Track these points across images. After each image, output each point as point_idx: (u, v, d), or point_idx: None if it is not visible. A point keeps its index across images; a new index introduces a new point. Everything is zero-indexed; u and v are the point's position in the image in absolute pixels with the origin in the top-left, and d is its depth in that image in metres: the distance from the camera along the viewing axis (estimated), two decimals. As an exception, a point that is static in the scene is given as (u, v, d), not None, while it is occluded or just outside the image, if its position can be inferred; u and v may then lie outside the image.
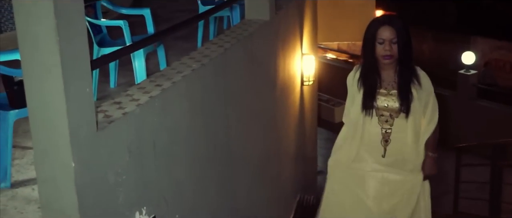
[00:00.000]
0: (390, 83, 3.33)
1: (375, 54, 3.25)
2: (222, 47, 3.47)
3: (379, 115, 3.34)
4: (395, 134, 3.34)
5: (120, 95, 2.66)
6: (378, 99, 3.33)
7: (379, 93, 3.33)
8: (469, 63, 10.45)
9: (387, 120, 3.34)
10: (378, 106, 3.33)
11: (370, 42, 3.24)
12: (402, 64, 3.28)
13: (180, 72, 3.00)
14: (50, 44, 2.02)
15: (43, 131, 2.13)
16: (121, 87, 4.37)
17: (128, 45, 3.10)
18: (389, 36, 3.19)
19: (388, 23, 3.21)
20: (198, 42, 5.25)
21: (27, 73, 2.10)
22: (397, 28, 3.20)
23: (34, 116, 2.14)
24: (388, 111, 3.32)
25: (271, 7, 4.29)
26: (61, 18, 2.00)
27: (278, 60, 4.66)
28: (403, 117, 3.31)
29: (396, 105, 3.30)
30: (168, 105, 2.79)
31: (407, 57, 3.26)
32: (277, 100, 4.75)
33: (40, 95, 2.10)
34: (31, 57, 2.07)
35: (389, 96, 3.32)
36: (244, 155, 3.93)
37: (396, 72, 3.32)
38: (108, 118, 2.40)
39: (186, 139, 2.99)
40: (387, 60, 3.24)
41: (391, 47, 3.20)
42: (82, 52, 2.15)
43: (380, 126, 3.35)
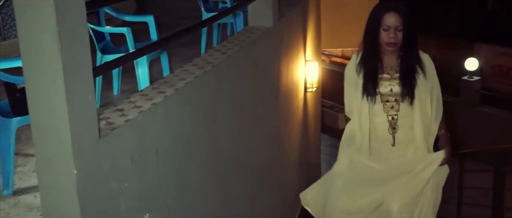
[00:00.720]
0: (393, 68, 3.25)
1: (378, 41, 3.17)
2: (225, 54, 3.47)
3: (383, 101, 3.24)
4: (402, 120, 3.24)
5: (122, 102, 2.66)
6: (381, 85, 3.23)
7: (382, 78, 3.24)
8: (472, 70, 10.44)
9: (392, 106, 3.23)
10: (382, 92, 3.23)
11: (375, 28, 3.16)
12: (406, 50, 3.21)
13: (183, 79, 3.00)
14: (52, 52, 2.01)
15: (45, 138, 2.13)
16: (125, 94, 4.37)
17: (130, 52, 3.10)
18: (394, 23, 3.11)
19: (394, 10, 3.13)
20: (201, 49, 5.25)
21: (29, 80, 2.10)
22: (403, 15, 3.12)
23: (36, 123, 2.14)
24: (394, 96, 3.23)
25: (274, 13, 4.29)
26: (63, 26, 2.00)
27: (281, 66, 4.66)
28: (408, 102, 3.23)
29: (401, 89, 3.23)
30: (171, 113, 2.78)
31: (411, 45, 3.19)
32: (280, 107, 4.75)
33: (42, 103, 2.09)
34: (33, 65, 2.07)
35: (393, 81, 3.24)
36: (247, 162, 3.92)
37: (398, 58, 3.24)
38: (111, 125, 2.39)
39: (189, 145, 2.98)
40: (391, 48, 3.16)
41: (396, 35, 3.12)
42: (84, 60, 2.15)
43: (386, 113, 3.24)
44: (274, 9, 4.28)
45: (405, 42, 3.15)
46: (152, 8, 7.00)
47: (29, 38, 2.05)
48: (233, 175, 3.65)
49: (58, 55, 2.01)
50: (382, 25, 3.12)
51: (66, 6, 2.01)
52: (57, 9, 1.97)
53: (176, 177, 2.85)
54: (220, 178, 3.43)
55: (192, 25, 3.49)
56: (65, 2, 2.00)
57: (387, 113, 3.24)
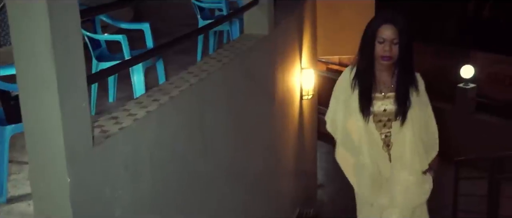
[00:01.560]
0: (386, 86, 3.14)
1: (373, 54, 3.04)
2: (221, 62, 3.48)
3: (376, 120, 3.15)
4: (396, 136, 3.16)
5: (117, 110, 2.66)
6: (375, 104, 3.13)
7: (375, 97, 3.13)
8: (468, 77, 10.47)
9: (385, 124, 3.16)
10: (375, 112, 3.13)
11: (370, 40, 3.03)
12: (402, 67, 3.09)
13: (177, 87, 3.00)
14: (46, 60, 2.02)
15: (38, 146, 2.13)
16: (120, 101, 4.36)
17: (126, 60, 3.10)
18: (390, 36, 2.98)
19: (390, 22, 3.00)
20: (197, 56, 5.25)
21: (22, 88, 2.10)
22: (400, 28, 2.98)
23: (29, 131, 2.14)
24: (387, 116, 3.15)
25: (270, 21, 4.30)
26: (57, 34, 2.01)
27: (277, 74, 4.66)
28: (400, 121, 3.14)
29: (394, 107, 3.13)
30: (165, 120, 2.79)
31: (407, 60, 3.07)
32: (276, 115, 4.75)
33: (35, 111, 2.09)
34: (27, 72, 2.07)
35: (386, 100, 3.14)
36: (242, 169, 3.92)
37: (393, 75, 3.13)
38: (105, 133, 2.39)
39: (183, 153, 2.98)
40: (385, 62, 3.03)
41: (391, 48, 2.99)
42: (78, 68, 2.15)
43: (379, 132, 3.17)
44: (270, 17, 4.29)
45: (402, 57, 3.02)
46: (149, 15, 7.00)
47: (22, 46, 2.05)
48: (228, 183, 3.65)
49: (52, 63, 2.01)
50: (377, 38, 3.00)
51: (60, 14, 2.02)
52: (51, 16, 1.97)
53: (170, 185, 2.85)
54: (215, 186, 3.43)
55: (187, 33, 3.50)
56: (59, 10, 2.01)
57: (380, 131, 3.17)
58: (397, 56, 3.02)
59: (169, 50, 4.19)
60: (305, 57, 5.64)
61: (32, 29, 2.01)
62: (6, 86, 2.95)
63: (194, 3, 5.41)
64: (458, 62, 12.32)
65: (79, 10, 2.16)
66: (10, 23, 2.06)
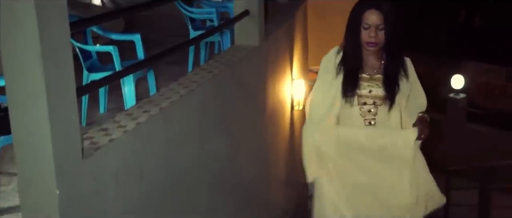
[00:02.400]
0: (374, 69, 3.00)
1: (359, 40, 2.91)
2: (211, 73, 3.48)
3: (360, 103, 2.98)
4: (380, 124, 3.00)
5: (107, 121, 2.66)
6: (360, 85, 2.96)
7: (361, 78, 2.98)
8: (458, 87, 10.53)
9: (370, 110, 2.98)
10: (360, 94, 2.96)
11: (354, 26, 2.91)
12: (389, 53, 2.97)
13: (168, 98, 3.00)
14: (35, 71, 2.02)
15: (27, 158, 2.12)
16: (111, 112, 4.35)
17: (116, 71, 3.11)
18: (375, 21, 2.86)
19: (375, 7, 2.86)
20: (189, 66, 5.25)
21: (11, 99, 2.10)
22: (385, 13, 2.86)
23: (18, 143, 2.13)
24: (372, 98, 2.97)
25: (261, 32, 4.31)
26: (47, 45, 2.01)
27: (268, 85, 4.67)
28: (387, 106, 2.98)
29: (380, 91, 2.97)
30: (155, 132, 2.79)
31: (394, 45, 2.94)
32: (267, 125, 4.75)
33: (24, 122, 2.09)
34: (16, 84, 2.07)
35: (372, 81, 2.98)
36: (233, 180, 3.91)
37: (381, 58, 2.99)
38: (94, 145, 2.39)
39: (173, 165, 2.98)
40: (372, 48, 2.91)
41: (376, 34, 2.87)
42: (68, 79, 2.15)
43: (363, 118, 2.99)
44: (261, 28, 4.30)
45: (388, 42, 2.90)
46: (140, 26, 7.00)
47: (12, 57, 2.05)
48: (219, 194, 3.64)
49: (41, 75, 2.01)
50: (362, 24, 2.87)
51: (50, 25, 2.02)
52: (40, 28, 1.98)
53: (160, 197, 2.84)
54: (206, 196, 3.42)
55: (178, 44, 3.51)
56: (48, 21, 2.01)
57: (363, 117, 2.99)
58: (384, 42, 2.91)
59: (161, 61, 4.20)
60: (296, 68, 5.66)
61: (21, 40, 2.01)
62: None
63: (185, 14, 5.42)
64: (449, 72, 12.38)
65: (69, 22, 2.16)
66: (0, 34, 2.05)
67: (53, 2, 2.04)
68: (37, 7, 1.96)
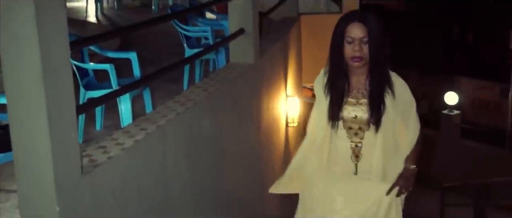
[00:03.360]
0: (360, 91, 2.87)
1: (343, 56, 2.76)
2: (207, 91, 3.53)
3: (346, 127, 2.88)
4: (366, 149, 2.88)
5: (105, 139, 2.69)
6: (345, 110, 2.85)
7: (347, 102, 2.86)
8: (452, 104, 10.59)
9: (356, 133, 2.87)
10: (345, 118, 2.86)
11: (338, 41, 2.75)
12: (374, 69, 2.80)
13: (164, 116, 3.04)
14: (36, 90, 2.06)
15: (28, 175, 2.16)
16: (107, 129, 4.38)
17: (114, 90, 3.15)
18: (358, 34, 2.70)
19: (358, 20, 2.72)
20: (184, 84, 5.29)
21: (12, 117, 2.13)
22: (369, 26, 2.71)
23: (19, 160, 2.16)
24: (357, 123, 2.86)
25: (256, 50, 4.37)
26: (47, 64, 2.05)
27: (263, 102, 4.72)
28: (373, 129, 2.85)
29: (366, 116, 2.83)
30: (153, 149, 2.82)
31: (379, 61, 2.77)
32: (261, 142, 4.79)
33: (25, 140, 2.13)
34: (17, 102, 2.11)
35: (358, 106, 2.85)
36: (229, 195, 3.94)
37: (367, 78, 2.85)
38: (93, 163, 2.42)
39: (170, 182, 3.01)
40: (356, 63, 2.74)
41: (361, 48, 2.70)
42: (67, 98, 2.19)
43: (349, 140, 2.88)
44: (256, 46, 4.35)
45: (372, 57, 2.74)
46: (135, 43, 7.05)
47: (13, 76, 2.09)
48: (215, 209, 3.67)
49: (42, 93, 2.05)
50: (345, 37, 2.73)
51: (50, 45, 2.06)
52: (41, 47, 2.02)
53: (157, 213, 2.87)
54: (202, 212, 3.45)
55: (175, 63, 3.56)
56: (49, 40, 2.05)
57: (350, 140, 2.89)
58: (369, 57, 2.75)
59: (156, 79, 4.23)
60: (290, 85, 5.71)
61: (22, 59, 2.05)
62: (-6, 116, 2.97)
63: (180, 32, 5.47)
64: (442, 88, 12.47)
65: (69, 41, 2.21)
66: (2, 54, 2.09)
67: (54, 21, 2.09)
68: (38, 27, 2.00)
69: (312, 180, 3.10)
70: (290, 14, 6.84)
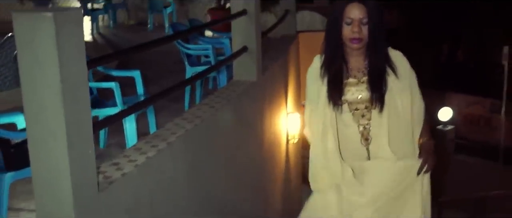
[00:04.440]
0: (360, 70, 2.77)
1: (341, 37, 2.68)
2: (213, 108, 3.58)
3: (352, 109, 2.76)
4: (376, 129, 2.77)
5: (117, 156, 2.73)
6: (348, 92, 2.74)
7: (348, 83, 2.75)
8: (446, 119, 10.71)
9: (363, 114, 2.76)
10: (350, 100, 2.75)
11: (336, 22, 2.67)
12: (373, 49, 2.72)
13: (174, 133, 3.08)
14: (56, 108, 2.10)
15: (46, 193, 2.19)
16: (111, 147, 4.43)
17: (122, 110, 3.19)
18: (358, 15, 2.63)
19: (357, 0, 2.65)
20: (185, 101, 5.34)
21: (31, 135, 2.17)
22: (369, 6, 2.64)
23: (37, 178, 2.19)
24: (363, 103, 2.75)
25: (258, 68, 4.43)
26: (66, 83, 2.09)
27: (265, 119, 4.77)
28: (378, 108, 2.75)
29: (370, 95, 2.75)
30: (164, 166, 2.86)
31: (379, 41, 2.70)
32: (264, 158, 4.84)
33: (44, 158, 2.16)
34: (37, 121, 2.14)
35: (361, 85, 2.75)
36: (234, 210, 3.98)
37: (365, 58, 2.76)
38: (108, 179, 2.46)
39: (180, 198, 3.05)
40: (356, 44, 2.67)
41: (360, 29, 2.64)
42: (85, 116, 2.23)
43: (357, 123, 2.77)
44: (258, 64, 4.41)
45: (372, 38, 2.66)
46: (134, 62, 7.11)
47: (33, 96, 2.13)
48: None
49: (61, 112, 2.09)
50: (344, 19, 2.65)
51: (69, 64, 2.11)
52: (61, 68, 2.06)
53: (168, 229, 2.90)
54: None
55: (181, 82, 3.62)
56: (69, 61, 2.10)
57: (357, 123, 2.77)
58: (368, 38, 2.68)
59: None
60: (290, 102, 5.77)
61: (42, 79, 2.09)
62: (6, 134, 3.01)
63: (182, 50, 5.53)
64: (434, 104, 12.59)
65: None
66: (21, 74, 2.13)
67: (73, 42, 2.13)
68: (58, 48, 2.05)
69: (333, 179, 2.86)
70: (289, 32, 6.93)
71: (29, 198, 3.47)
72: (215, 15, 8.56)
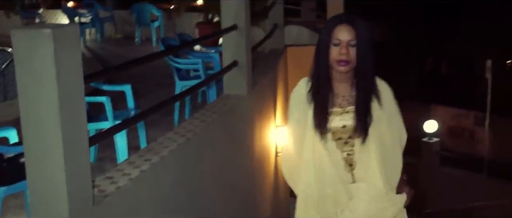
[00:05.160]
0: (345, 99, 2.71)
1: (328, 60, 2.61)
2: (205, 122, 3.62)
3: (335, 138, 2.69)
4: (359, 155, 2.70)
5: (111, 170, 2.77)
6: (332, 120, 2.67)
7: (333, 112, 2.69)
8: (431, 132, 10.81)
9: (346, 142, 2.70)
10: (333, 129, 2.68)
11: (324, 43, 2.61)
12: (360, 75, 2.65)
13: (166, 147, 3.12)
14: (53, 124, 2.13)
15: (43, 206, 2.22)
16: (102, 161, 4.44)
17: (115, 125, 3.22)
18: (346, 37, 2.57)
19: (346, 22, 2.59)
20: (175, 115, 5.37)
21: (28, 150, 2.20)
22: (358, 29, 2.58)
23: (34, 191, 2.22)
24: (347, 133, 2.69)
25: (248, 82, 4.48)
26: (64, 98, 2.13)
27: (255, 132, 4.82)
28: (361, 139, 2.68)
29: (354, 124, 2.68)
30: (157, 179, 2.90)
31: (366, 66, 2.62)
32: (254, 171, 4.88)
33: (41, 172, 2.19)
34: (34, 136, 2.18)
35: (345, 115, 2.69)
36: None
37: (353, 85, 2.70)
38: (103, 192, 2.49)
39: (174, 210, 3.08)
40: (343, 67, 2.59)
41: (348, 51, 2.57)
42: (81, 131, 2.27)
43: (340, 150, 2.70)
44: (248, 79, 4.47)
45: (359, 62, 2.60)
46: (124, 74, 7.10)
47: (31, 111, 2.16)
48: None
49: (58, 127, 2.13)
50: (332, 40, 2.59)
51: (67, 81, 2.15)
52: (59, 84, 2.10)
53: (161, 242, 2.93)
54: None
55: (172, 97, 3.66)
56: (66, 77, 2.14)
57: (341, 149, 2.71)
58: (356, 61, 2.61)
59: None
60: (279, 115, 5.83)
61: (40, 95, 2.12)
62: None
63: (171, 64, 5.57)
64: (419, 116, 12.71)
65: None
66: (19, 89, 2.17)
67: (71, 59, 2.18)
68: (56, 64, 2.09)
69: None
70: (277, 46, 7.01)
71: (20, 212, 3.49)
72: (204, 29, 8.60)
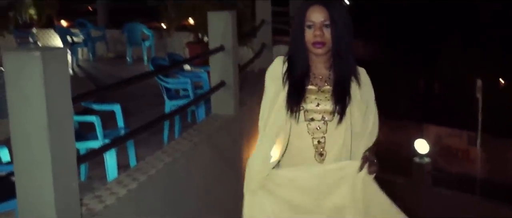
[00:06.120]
0: (322, 79, 2.59)
1: (304, 43, 2.52)
2: (192, 142, 3.68)
3: (308, 119, 2.53)
4: (330, 144, 2.55)
5: (99, 189, 2.82)
6: (306, 98, 2.54)
7: (308, 91, 2.56)
8: (422, 152, 10.83)
9: (318, 127, 2.54)
10: (307, 108, 2.54)
11: (299, 27, 2.53)
12: (338, 56, 2.55)
13: (154, 166, 3.18)
14: (41, 143, 2.20)
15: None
16: (92, 180, 4.48)
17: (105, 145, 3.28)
18: (319, 18, 2.49)
19: (319, 3, 2.51)
20: (164, 134, 5.41)
21: (18, 167, 2.26)
22: (331, 9, 2.50)
23: (23, 209, 2.28)
24: (320, 113, 2.54)
25: (236, 102, 4.54)
26: (52, 118, 2.20)
27: (243, 151, 4.88)
28: (336, 120, 2.52)
29: (329, 104, 2.54)
30: (145, 198, 2.96)
31: (343, 47, 2.53)
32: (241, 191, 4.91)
33: (30, 190, 2.25)
34: (23, 154, 2.24)
35: (320, 94, 2.56)
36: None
37: (330, 67, 2.59)
38: (91, 211, 2.55)
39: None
40: (318, 49, 2.50)
41: (322, 32, 2.48)
42: (70, 149, 2.33)
43: (311, 136, 2.54)
44: (236, 99, 4.53)
45: (335, 43, 2.51)
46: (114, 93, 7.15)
47: (19, 128, 2.23)
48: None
49: (47, 145, 2.19)
50: (306, 22, 2.51)
51: (56, 101, 2.22)
52: (47, 104, 2.17)
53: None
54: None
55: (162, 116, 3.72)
56: (54, 97, 2.21)
57: (312, 136, 2.55)
58: (332, 42, 2.50)
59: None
60: (268, 135, 5.88)
61: (29, 114, 2.19)
62: (-11, 168, 3.07)
63: (161, 84, 5.62)
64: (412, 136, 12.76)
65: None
66: (9, 107, 2.23)
67: (59, 79, 2.25)
68: (45, 85, 2.16)
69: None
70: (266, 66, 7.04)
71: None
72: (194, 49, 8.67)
